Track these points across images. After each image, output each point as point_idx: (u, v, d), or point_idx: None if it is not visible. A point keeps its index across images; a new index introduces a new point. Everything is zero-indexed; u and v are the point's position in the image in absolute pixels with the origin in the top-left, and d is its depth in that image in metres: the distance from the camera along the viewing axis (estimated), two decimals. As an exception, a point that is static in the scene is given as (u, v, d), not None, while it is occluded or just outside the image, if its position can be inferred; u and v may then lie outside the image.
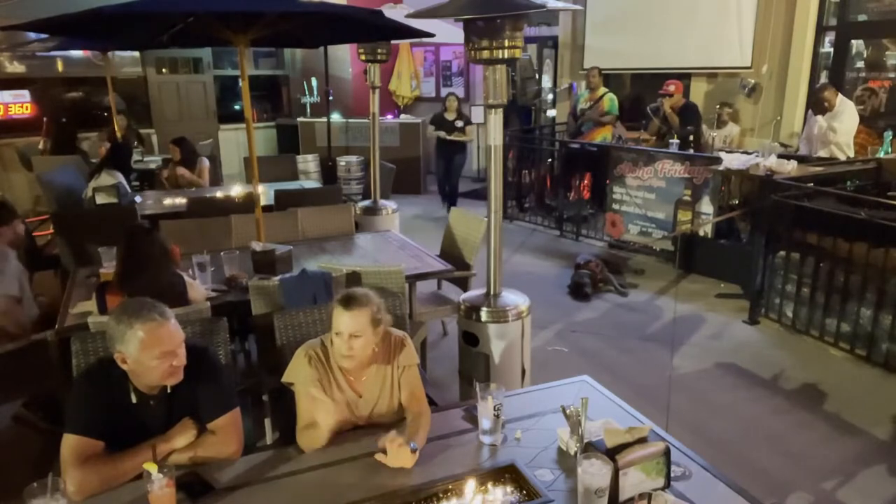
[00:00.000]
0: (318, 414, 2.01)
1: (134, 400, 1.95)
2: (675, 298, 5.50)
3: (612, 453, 1.68)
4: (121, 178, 5.30)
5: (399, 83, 10.57)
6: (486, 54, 2.99)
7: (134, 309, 1.90)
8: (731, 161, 5.54)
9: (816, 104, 5.94)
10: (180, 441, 1.95)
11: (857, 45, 7.02)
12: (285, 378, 2.15)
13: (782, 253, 4.85)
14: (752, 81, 7.36)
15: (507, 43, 2.96)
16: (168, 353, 1.88)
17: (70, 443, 1.83)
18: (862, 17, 6.94)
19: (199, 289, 3.10)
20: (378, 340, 2.12)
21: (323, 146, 9.39)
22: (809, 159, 5.76)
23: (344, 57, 10.30)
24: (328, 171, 8.93)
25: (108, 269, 3.20)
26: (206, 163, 6.52)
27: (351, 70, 10.42)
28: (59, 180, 5.95)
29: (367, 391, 2.16)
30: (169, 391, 1.97)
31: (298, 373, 2.10)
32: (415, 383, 2.18)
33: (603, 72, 7.59)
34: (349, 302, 2.05)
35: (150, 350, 1.85)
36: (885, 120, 6.58)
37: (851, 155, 5.89)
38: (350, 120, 9.76)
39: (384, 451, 1.91)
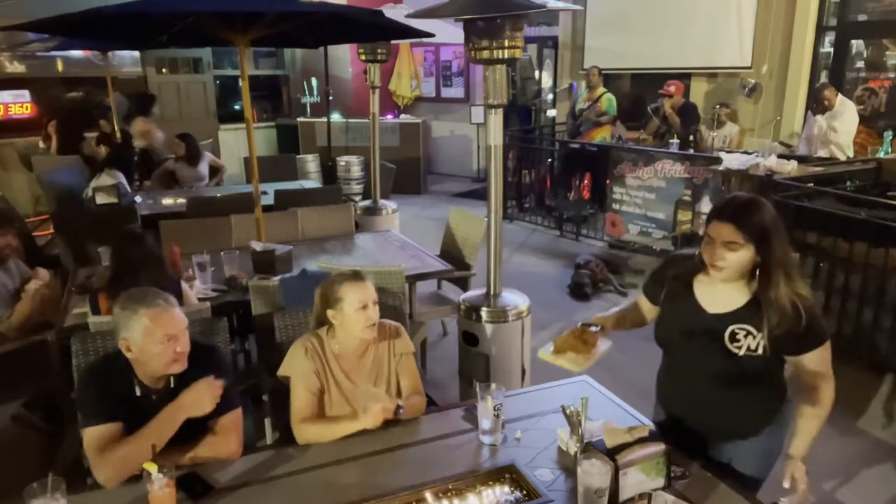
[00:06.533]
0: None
1: (138, 392, 1.95)
2: (675, 298, 5.49)
3: (612, 453, 1.68)
4: (121, 177, 5.30)
5: (399, 83, 10.56)
6: (486, 54, 3.00)
7: (139, 296, 1.93)
8: (731, 161, 5.54)
9: (816, 104, 5.93)
10: (194, 407, 1.91)
11: (857, 45, 7.02)
12: (281, 371, 2.16)
13: (782, 253, 4.84)
14: (752, 81, 7.35)
15: (507, 43, 2.96)
16: (172, 337, 1.89)
17: (91, 435, 1.84)
18: (862, 17, 6.93)
19: (193, 298, 3.04)
20: None
21: (323, 146, 9.38)
22: (809, 159, 5.76)
23: (344, 57, 10.29)
24: (328, 171, 8.93)
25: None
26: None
27: (351, 70, 10.41)
28: (59, 180, 5.95)
29: (364, 380, 2.17)
30: (173, 385, 1.97)
31: (295, 365, 2.11)
32: (412, 372, 2.20)
33: (603, 72, 7.58)
34: (358, 274, 2.17)
35: (154, 334, 1.86)
36: (885, 120, 6.57)
37: (851, 155, 5.89)
38: (350, 120, 9.75)
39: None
